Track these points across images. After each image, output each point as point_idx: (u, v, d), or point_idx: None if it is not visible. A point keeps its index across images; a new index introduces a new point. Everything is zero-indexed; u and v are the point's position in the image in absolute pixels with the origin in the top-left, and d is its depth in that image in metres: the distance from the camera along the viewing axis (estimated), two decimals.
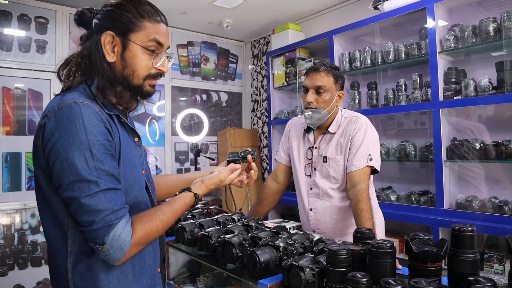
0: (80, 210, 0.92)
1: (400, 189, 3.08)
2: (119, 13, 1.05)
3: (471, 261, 1.06)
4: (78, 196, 0.91)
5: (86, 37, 1.09)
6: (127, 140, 1.09)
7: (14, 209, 3.27)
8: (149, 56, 1.07)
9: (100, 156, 0.94)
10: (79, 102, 0.95)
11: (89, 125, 0.94)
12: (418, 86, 2.86)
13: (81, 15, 1.09)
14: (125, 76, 1.07)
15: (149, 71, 1.09)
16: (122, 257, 0.94)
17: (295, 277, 1.16)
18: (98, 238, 0.92)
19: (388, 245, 1.13)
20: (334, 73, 1.88)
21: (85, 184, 0.91)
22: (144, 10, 1.06)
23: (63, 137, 0.92)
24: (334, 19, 3.75)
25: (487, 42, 2.46)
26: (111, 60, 1.05)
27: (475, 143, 2.51)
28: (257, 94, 4.77)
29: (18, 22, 3.33)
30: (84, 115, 0.94)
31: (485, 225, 2.31)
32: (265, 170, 4.58)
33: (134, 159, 1.09)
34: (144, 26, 1.06)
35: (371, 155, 1.79)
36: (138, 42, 1.05)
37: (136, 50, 1.06)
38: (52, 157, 0.94)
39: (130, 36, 1.05)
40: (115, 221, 0.93)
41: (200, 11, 3.81)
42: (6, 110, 3.26)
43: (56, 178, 0.94)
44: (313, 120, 1.90)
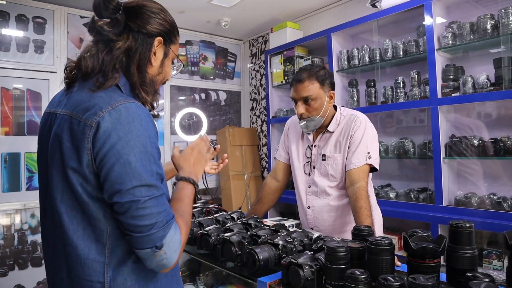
0: (138, 214, 0.86)
1: (399, 186, 3.08)
2: (164, 21, 1.07)
3: (469, 257, 1.07)
4: (138, 201, 0.86)
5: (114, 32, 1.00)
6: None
7: (14, 210, 3.27)
8: (171, 65, 1.15)
9: (157, 159, 0.92)
10: (134, 102, 0.92)
11: (147, 126, 0.91)
12: (416, 83, 2.87)
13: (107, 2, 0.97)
14: (155, 80, 1.09)
15: (168, 76, 1.16)
16: (176, 258, 0.91)
17: (294, 275, 1.17)
18: (157, 241, 0.88)
19: (387, 242, 1.13)
20: (318, 77, 1.83)
21: (146, 188, 0.88)
22: (176, 26, 1.13)
23: (124, 138, 0.87)
24: (332, 17, 3.75)
25: (485, 39, 2.46)
26: (154, 64, 1.06)
27: (473, 140, 2.51)
28: (255, 92, 4.78)
29: (16, 22, 3.33)
30: (143, 116, 0.91)
31: (484, 222, 2.31)
32: (264, 169, 4.59)
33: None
34: (177, 40, 1.13)
35: (370, 153, 1.79)
36: (175, 53, 1.13)
37: (171, 59, 1.13)
38: (109, 160, 0.87)
39: (171, 46, 1.11)
40: (171, 223, 0.91)
41: (198, 10, 3.80)
42: (5, 110, 3.26)
43: (113, 183, 0.87)
44: (309, 128, 1.91)
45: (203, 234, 1.59)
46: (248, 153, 4.51)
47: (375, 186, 3.11)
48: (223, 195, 4.38)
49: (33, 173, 3.36)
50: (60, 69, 3.54)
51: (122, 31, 1.00)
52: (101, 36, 1.00)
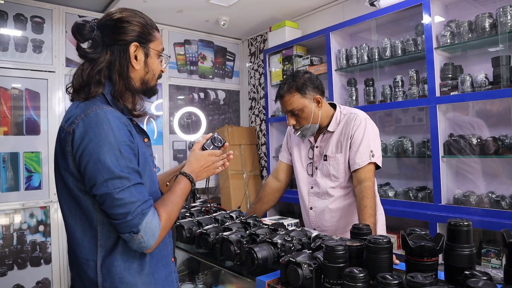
0: (115, 204, 1.01)
1: (398, 185, 3.09)
2: (137, 25, 1.16)
3: (467, 256, 1.07)
4: (112, 192, 1.00)
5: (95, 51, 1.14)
6: (141, 142, 1.19)
7: (13, 209, 3.27)
8: (158, 60, 1.23)
9: (128, 155, 1.05)
10: (104, 108, 1.06)
11: (115, 128, 1.04)
12: (414, 82, 2.87)
13: (82, 27, 1.13)
14: (146, 80, 1.20)
15: (159, 72, 1.25)
16: (154, 242, 1.04)
17: (292, 273, 1.17)
18: (133, 227, 1.01)
19: (385, 240, 1.14)
20: (297, 87, 1.81)
21: (118, 181, 1.01)
22: (151, 22, 1.21)
23: (94, 140, 1.02)
24: (331, 16, 3.75)
25: (483, 38, 2.46)
26: (137, 68, 1.17)
27: (472, 139, 2.51)
28: (254, 91, 4.77)
29: (14, 22, 3.32)
30: (111, 119, 1.04)
31: (483, 220, 2.32)
32: (263, 168, 4.59)
33: (147, 158, 1.19)
34: (156, 35, 1.22)
35: (373, 151, 1.80)
36: (156, 49, 1.21)
37: (154, 56, 1.21)
38: (84, 159, 1.02)
39: (150, 45, 1.19)
40: (146, 210, 1.03)
41: (196, 9, 3.80)
42: (3, 110, 3.26)
43: (89, 178, 1.02)
44: (306, 136, 1.93)
45: (202, 233, 1.59)
46: (247, 152, 4.51)
47: None
48: (222, 194, 4.39)
49: (32, 172, 3.36)
50: (58, 69, 3.53)
51: (101, 49, 1.14)
52: (86, 57, 1.15)
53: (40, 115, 3.43)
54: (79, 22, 1.14)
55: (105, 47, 1.15)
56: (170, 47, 4.30)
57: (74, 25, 1.13)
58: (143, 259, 1.12)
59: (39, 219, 3.39)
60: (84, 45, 1.15)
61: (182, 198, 1.19)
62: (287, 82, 1.85)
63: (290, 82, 1.84)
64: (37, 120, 3.42)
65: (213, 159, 1.31)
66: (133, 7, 1.23)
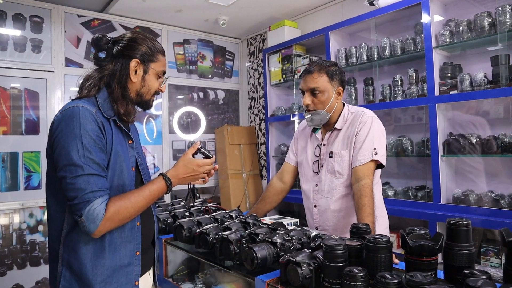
0: (67, 187, 1.16)
1: (397, 185, 3.09)
2: (144, 46, 1.35)
3: (467, 255, 1.07)
4: (67, 176, 1.16)
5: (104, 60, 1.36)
6: (120, 141, 1.32)
7: (12, 209, 3.27)
8: (156, 79, 1.40)
9: (89, 147, 1.18)
10: (80, 106, 1.21)
11: (83, 123, 1.18)
12: (414, 81, 2.87)
13: (100, 39, 1.35)
14: (141, 93, 1.37)
15: (156, 90, 1.41)
16: (95, 229, 1.15)
17: (292, 273, 1.17)
18: (78, 211, 1.15)
19: (384, 239, 1.14)
20: (328, 71, 1.86)
21: (73, 168, 1.16)
22: (159, 47, 1.40)
23: (63, 130, 1.18)
24: (330, 16, 3.75)
25: (482, 37, 2.47)
26: (134, 81, 1.35)
27: (471, 138, 2.52)
28: (254, 91, 4.77)
29: (13, 22, 3.32)
30: (81, 115, 1.19)
31: (482, 219, 2.32)
32: (262, 167, 4.59)
33: (124, 156, 1.31)
34: (159, 58, 1.39)
35: (376, 149, 1.78)
36: (156, 69, 1.38)
37: (153, 74, 1.38)
38: (54, 145, 1.20)
39: (150, 64, 1.37)
40: (92, 199, 1.16)
41: (195, 8, 3.80)
42: (2, 110, 3.26)
43: (55, 162, 1.19)
44: (314, 122, 1.91)
45: (201, 232, 1.59)
46: (247, 152, 4.51)
47: None
48: (221, 194, 4.39)
49: (31, 172, 3.36)
50: (57, 68, 3.53)
51: (110, 59, 1.34)
52: (97, 64, 1.37)
53: (40, 114, 3.43)
54: (98, 35, 1.35)
55: (112, 58, 1.34)
56: (169, 47, 4.29)
57: (93, 38, 1.36)
58: (99, 243, 1.23)
59: (39, 219, 3.39)
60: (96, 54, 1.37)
61: (145, 198, 1.27)
62: (319, 63, 1.90)
63: (323, 64, 1.89)
64: (36, 120, 3.42)
65: (203, 169, 1.40)
66: (132, 7, 1.31)
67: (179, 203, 2.36)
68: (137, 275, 1.33)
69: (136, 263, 1.33)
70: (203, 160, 1.39)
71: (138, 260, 1.34)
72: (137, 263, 1.33)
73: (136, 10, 3.78)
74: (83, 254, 1.22)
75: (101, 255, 1.24)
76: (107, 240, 1.24)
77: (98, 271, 1.23)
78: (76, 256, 1.22)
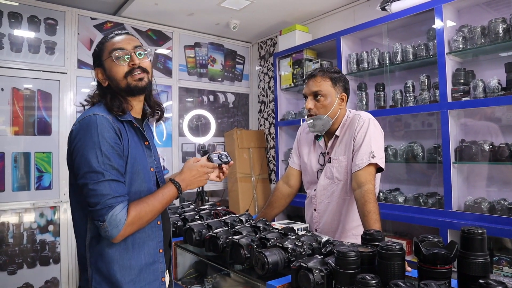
0: (89, 193, 1.18)
1: (407, 191, 3.06)
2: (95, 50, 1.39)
3: (482, 264, 1.06)
4: (88, 183, 1.18)
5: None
6: (136, 143, 1.34)
7: (23, 209, 3.30)
8: (116, 64, 1.33)
9: (108, 154, 1.20)
10: (97, 114, 1.24)
11: (101, 130, 1.21)
12: (426, 87, 2.85)
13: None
14: (115, 85, 1.34)
15: (123, 71, 1.33)
16: (117, 234, 1.18)
17: (303, 279, 1.17)
18: (100, 217, 1.17)
19: (398, 247, 1.13)
20: (331, 77, 1.86)
21: (94, 174, 1.18)
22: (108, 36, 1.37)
23: (82, 139, 1.21)
24: (341, 20, 3.74)
25: (496, 43, 2.44)
26: (104, 85, 1.36)
27: (484, 145, 2.49)
28: (264, 95, 4.78)
29: (28, 24, 3.37)
30: (99, 123, 1.22)
31: (494, 227, 2.29)
32: (271, 171, 4.59)
33: (141, 159, 1.34)
34: (106, 45, 1.35)
35: (373, 152, 1.75)
36: (105, 57, 1.34)
37: (109, 65, 1.34)
38: (74, 154, 1.23)
39: (101, 59, 1.36)
40: (114, 204, 1.18)
41: (207, 12, 3.82)
42: (15, 110, 3.30)
43: (76, 170, 1.22)
44: (316, 128, 1.89)
45: (212, 236, 1.59)
46: (256, 156, 4.51)
47: (383, 190, 3.09)
48: (230, 197, 4.39)
49: (43, 172, 3.39)
50: (70, 70, 3.57)
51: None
52: None
53: (52, 115, 3.47)
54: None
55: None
56: (180, 50, 4.32)
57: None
58: (123, 245, 1.27)
59: (49, 219, 3.42)
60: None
61: (160, 202, 1.29)
62: (323, 69, 1.91)
63: (327, 69, 1.90)
64: (49, 120, 3.46)
65: (204, 170, 1.40)
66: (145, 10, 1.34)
67: (188, 206, 2.37)
68: (163, 271, 1.38)
69: (161, 260, 1.37)
70: (204, 163, 1.40)
71: (162, 257, 1.38)
72: (162, 260, 1.37)
73: (148, 13, 3.81)
74: (109, 257, 1.25)
75: (126, 256, 1.27)
76: (129, 241, 1.28)
77: (126, 271, 1.27)
78: (103, 259, 1.26)
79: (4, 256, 3.18)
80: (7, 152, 3.24)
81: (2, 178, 3.21)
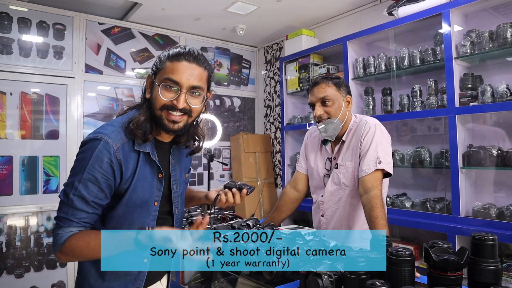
0: (60, 199, 1.20)
1: (414, 196, 3.04)
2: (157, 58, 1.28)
3: (493, 271, 1.05)
4: (63, 192, 1.20)
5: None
6: (145, 176, 1.26)
7: (31, 212, 3.32)
8: (162, 90, 1.21)
9: (86, 183, 1.17)
10: (103, 139, 1.18)
11: (95, 159, 1.17)
12: (433, 92, 2.84)
13: None
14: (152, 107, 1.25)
15: (162, 102, 1.21)
16: (56, 252, 1.19)
17: (312, 284, 1.16)
18: (54, 227, 1.20)
19: (407, 253, 1.12)
20: (334, 82, 1.88)
21: (67, 192, 1.18)
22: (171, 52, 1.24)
23: (78, 156, 1.21)
24: (348, 25, 3.74)
25: (505, 48, 2.43)
26: (147, 96, 1.29)
27: (492, 150, 2.47)
28: (270, 99, 4.78)
29: (37, 29, 3.40)
30: (97, 152, 1.17)
31: (503, 233, 2.27)
32: (277, 176, 4.58)
33: (144, 193, 1.26)
34: (164, 65, 1.23)
35: (380, 158, 1.76)
36: (159, 78, 1.23)
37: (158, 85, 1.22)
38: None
39: (157, 74, 1.24)
40: (62, 225, 1.17)
41: (214, 17, 3.84)
42: (24, 114, 3.33)
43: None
44: (328, 132, 1.89)
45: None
46: (262, 160, 4.51)
47: (390, 195, 3.08)
48: None
49: (50, 176, 3.41)
50: (78, 75, 3.60)
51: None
52: None
53: (59, 119, 3.49)
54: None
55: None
56: None
57: None
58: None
59: None
60: None
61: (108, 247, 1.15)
62: (323, 76, 1.93)
63: (328, 76, 1.93)
64: (56, 124, 3.48)
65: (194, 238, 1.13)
66: (152, 15, 1.29)
67: (195, 210, 2.37)
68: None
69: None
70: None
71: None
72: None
73: (156, 18, 3.84)
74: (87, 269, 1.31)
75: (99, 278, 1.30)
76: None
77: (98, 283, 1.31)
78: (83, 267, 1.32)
79: (12, 259, 3.20)
80: (15, 156, 3.26)
81: (10, 181, 3.23)
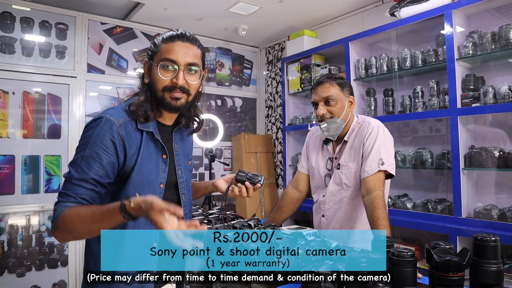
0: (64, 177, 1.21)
1: (416, 197, 3.04)
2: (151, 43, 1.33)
3: (495, 272, 1.05)
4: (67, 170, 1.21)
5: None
6: (150, 156, 1.29)
7: (32, 211, 3.32)
8: (161, 71, 1.26)
9: (88, 159, 1.19)
10: (106, 117, 1.22)
11: (97, 135, 1.20)
12: (435, 93, 2.84)
13: None
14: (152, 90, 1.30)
15: (163, 83, 1.27)
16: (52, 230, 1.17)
17: (314, 285, 1.16)
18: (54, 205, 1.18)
19: (409, 253, 1.12)
20: (338, 82, 1.89)
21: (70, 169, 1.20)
22: (165, 36, 1.29)
23: (82, 135, 1.25)
24: (350, 26, 3.74)
25: (507, 49, 2.43)
26: (146, 81, 1.32)
27: (494, 151, 2.47)
28: (271, 100, 4.78)
29: (39, 28, 3.41)
30: (100, 128, 1.20)
31: (505, 235, 2.26)
32: (278, 176, 4.58)
33: (149, 173, 1.28)
34: (160, 47, 1.28)
35: (382, 159, 1.77)
36: (156, 59, 1.27)
37: (156, 67, 1.27)
38: None
39: (154, 57, 1.29)
40: (60, 200, 1.16)
41: (216, 17, 3.84)
42: (26, 113, 3.33)
43: None
44: (330, 131, 1.90)
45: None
46: (263, 160, 4.51)
47: (392, 195, 3.08)
48: (237, 202, 4.38)
49: (52, 176, 3.42)
50: (80, 74, 3.60)
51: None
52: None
53: (61, 119, 3.50)
54: None
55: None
56: None
57: None
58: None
59: None
60: None
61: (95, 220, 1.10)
62: (327, 76, 1.94)
63: (332, 76, 1.93)
64: (58, 124, 3.49)
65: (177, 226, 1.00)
66: (154, 15, 1.31)
67: (196, 210, 2.37)
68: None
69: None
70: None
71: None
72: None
73: (158, 18, 3.84)
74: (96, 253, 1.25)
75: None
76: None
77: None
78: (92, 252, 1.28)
79: (13, 259, 3.20)
80: (17, 155, 3.27)
81: (12, 180, 3.24)
